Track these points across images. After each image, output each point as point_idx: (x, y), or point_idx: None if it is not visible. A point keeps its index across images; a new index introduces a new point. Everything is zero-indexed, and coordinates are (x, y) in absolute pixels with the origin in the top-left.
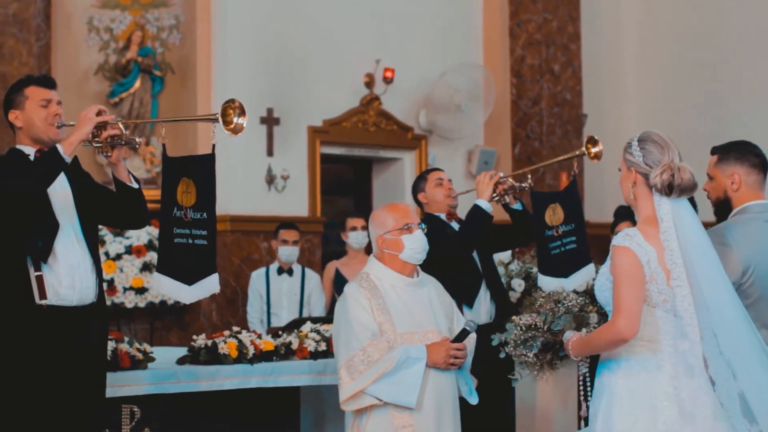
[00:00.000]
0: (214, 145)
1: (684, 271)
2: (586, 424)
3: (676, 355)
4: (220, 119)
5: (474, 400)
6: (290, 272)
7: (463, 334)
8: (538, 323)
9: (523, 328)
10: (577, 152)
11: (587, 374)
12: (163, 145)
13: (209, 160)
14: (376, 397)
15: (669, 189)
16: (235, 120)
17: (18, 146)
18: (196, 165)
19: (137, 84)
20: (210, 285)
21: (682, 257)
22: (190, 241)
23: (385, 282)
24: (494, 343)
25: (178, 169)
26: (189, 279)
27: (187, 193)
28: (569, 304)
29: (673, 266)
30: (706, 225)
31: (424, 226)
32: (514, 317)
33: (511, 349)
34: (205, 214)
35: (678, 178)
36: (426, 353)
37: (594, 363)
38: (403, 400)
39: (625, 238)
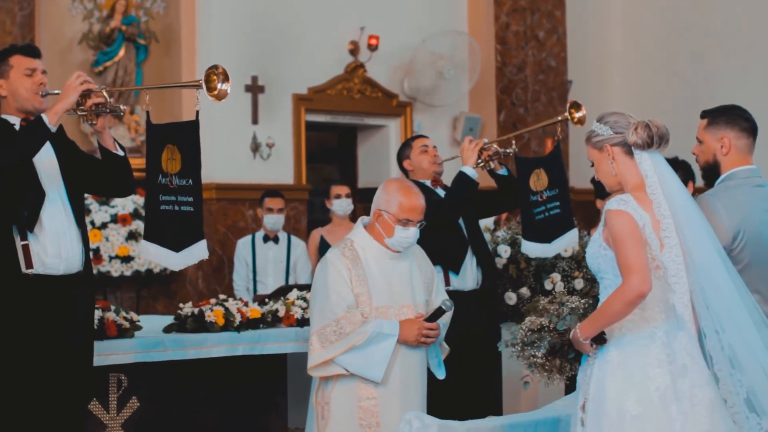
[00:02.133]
0: (198, 112)
1: (672, 223)
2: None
3: (668, 321)
4: (204, 85)
5: (441, 374)
6: (276, 240)
7: (437, 313)
8: (543, 323)
9: (530, 331)
10: (560, 117)
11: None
12: (147, 113)
13: (193, 126)
14: (344, 367)
15: (650, 140)
16: (218, 86)
17: (3, 116)
18: (181, 131)
19: (121, 53)
20: (198, 251)
21: (670, 211)
22: (177, 207)
23: (368, 252)
24: (500, 349)
25: (163, 136)
26: (177, 246)
27: (172, 160)
28: (572, 305)
29: (661, 218)
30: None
31: (423, 223)
32: (525, 320)
33: (519, 351)
34: (190, 181)
35: (653, 127)
36: (398, 330)
37: None
38: (370, 374)
39: (620, 202)
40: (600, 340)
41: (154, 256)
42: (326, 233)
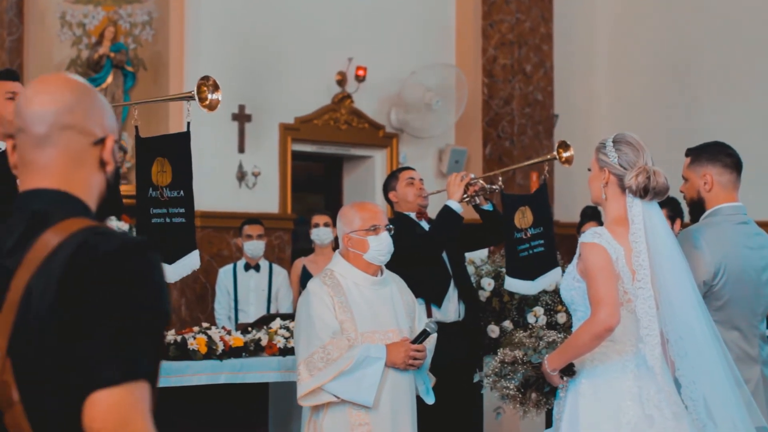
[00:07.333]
0: (188, 123)
1: (649, 274)
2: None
3: (639, 355)
4: (196, 96)
5: (430, 399)
6: (257, 268)
7: (422, 335)
8: (517, 356)
9: (503, 363)
10: (549, 156)
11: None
12: (136, 127)
13: (184, 138)
14: (333, 394)
15: (644, 192)
16: (209, 96)
17: None
18: (171, 144)
19: (109, 79)
20: (191, 261)
21: (650, 260)
22: (168, 220)
23: (349, 280)
24: (476, 380)
25: (152, 149)
26: (170, 258)
27: (163, 173)
28: (550, 339)
29: (638, 268)
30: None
31: (391, 228)
32: (498, 353)
33: (491, 383)
34: (181, 192)
35: (653, 181)
36: (385, 353)
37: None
38: (361, 399)
39: (594, 235)
40: (569, 372)
41: None
42: (308, 263)
